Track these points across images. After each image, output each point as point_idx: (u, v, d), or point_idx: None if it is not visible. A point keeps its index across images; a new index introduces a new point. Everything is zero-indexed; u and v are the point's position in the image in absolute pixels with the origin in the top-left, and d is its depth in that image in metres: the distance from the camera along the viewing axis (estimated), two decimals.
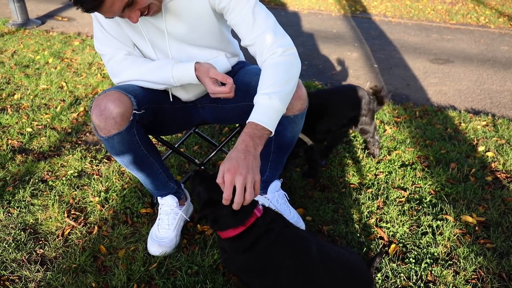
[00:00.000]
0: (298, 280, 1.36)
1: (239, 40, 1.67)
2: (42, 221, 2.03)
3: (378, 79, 3.89)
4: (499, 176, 2.35)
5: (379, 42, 5.03)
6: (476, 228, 1.95)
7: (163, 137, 2.05)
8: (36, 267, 1.76)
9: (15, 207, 2.12)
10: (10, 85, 3.70)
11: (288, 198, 2.04)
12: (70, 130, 2.89)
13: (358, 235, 1.92)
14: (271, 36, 1.48)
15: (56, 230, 1.97)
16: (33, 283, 1.69)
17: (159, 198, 1.90)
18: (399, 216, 2.03)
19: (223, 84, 1.51)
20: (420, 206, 2.11)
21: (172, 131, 1.95)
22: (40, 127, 2.95)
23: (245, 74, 1.73)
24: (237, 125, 2.16)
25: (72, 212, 2.10)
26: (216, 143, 2.31)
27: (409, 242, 1.88)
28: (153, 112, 1.66)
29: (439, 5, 6.73)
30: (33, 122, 3.01)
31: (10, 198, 2.19)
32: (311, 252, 1.38)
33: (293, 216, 1.94)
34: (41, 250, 1.86)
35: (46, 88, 3.60)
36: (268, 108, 1.38)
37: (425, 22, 5.88)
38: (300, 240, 1.40)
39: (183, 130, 2.01)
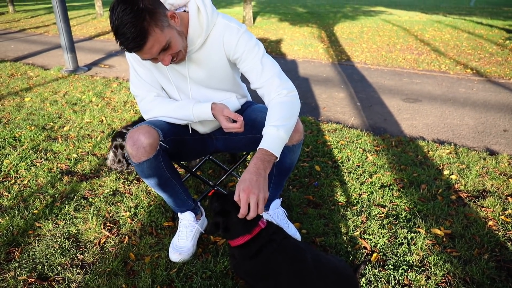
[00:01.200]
0: (296, 283, 1.32)
1: (247, 83, 1.69)
2: (83, 232, 2.01)
3: (361, 115, 3.90)
4: (461, 195, 2.32)
5: (361, 84, 5.06)
6: (444, 239, 1.91)
7: (183, 162, 2.04)
8: (77, 270, 1.73)
9: (62, 219, 2.10)
10: (61, 119, 3.73)
11: (287, 214, 2.01)
12: (107, 156, 2.89)
13: (346, 245, 1.88)
14: (277, 81, 1.51)
15: (94, 239, 1.95)
16: (74, 283, 1.66)
17: (179, 213, 1.88)
18: (380, 229, 1.99)
19: (234, 121, 1.52)
20: (397, 221, 2.07)
21: (191, 158, 1.95)
22: (83, 153, 2.95)
23: (252, 112, 1.73)
24: (244, 153, 2.15)
25: (107, 224, 2.07)
26: (227, 168, 2.29)
27: (388, 251, 1.83)
28: (176, 142, 1.66)
29: (408, 55, 6.80)
30: (78, 149, 3.02)
31: (58, 212, 2.17)
32: (307, 260, 1.35)
33: (291, 229, 1.91)
34: (81, 256, 1.83)
35: (89, 122, 3.63)
36: (276, 138, 1.39)
37: (398, 69, 5.92)
38: (297, 250, 1.37)
39: (200, 157, 2.00)
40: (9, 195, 2.38)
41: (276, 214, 1.94)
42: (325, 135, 3.26)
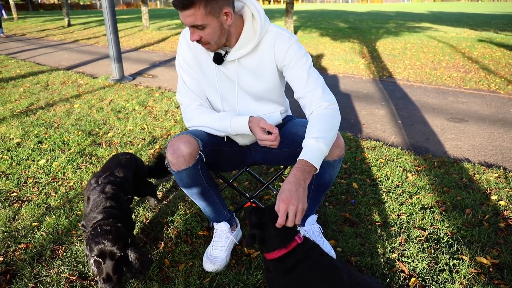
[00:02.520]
0: None
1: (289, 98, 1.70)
2: None
3: (402, 133, 3.79)
4: (511, 223, 2.18)
5: (403, 102, 4.93)
6: (491, 269, 1.80)
7: (221, 173, 2.07)
8: None
9: None
10: (106, 125, 3.92)
11: (322, 231, 1.98)
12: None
13: (382, 267, 1.82)
14: (320, 92, 1.53)
15: None
16: None
17: (214, 223, 1.91)
18: (419, 253, 1.91)
19: (270, 133, 1.54)
20: (438, 245, 1.98)
21: (228, 169, 1.98)
22: None
23: (292, 126, 1.75)
24: (282, 166, 2.15)
25: (145, 230, 2.13)
26: (264, 180, 2.30)
27: (428, 277, 1.75)
28: (214, 153, 1.70)
29: (454, 73, 6.56)
30: None
31: None
32: (342, 279, 1.32)
33: (326, 246, 1.87)
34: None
35: (131, 129, 3.78)
36: (316, 149, 1.40)
37: (442, 87, 5.73)
38: (333, 268, 1.35)
39: (237, 168, 2.03)
40: (56, 195, 2.52)
41: (312, 230, 1.92)
42: (364, 152, 3.20)
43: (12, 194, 2.58)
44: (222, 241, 1.84)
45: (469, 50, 8.73)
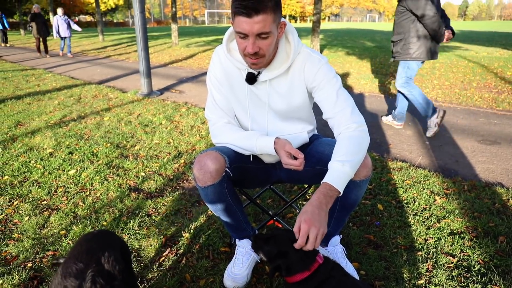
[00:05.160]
0: None
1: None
2: (144, 247, 2.10)
3: (429, 154, 3.69)
4: None
5: None
6: None
7: (245, 189, 2.07)
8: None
9: (126, 234, 2.22)
10: (133, 138, 4.02)
11: (346, 253, 1.93)
12: (172, 177, 3.03)
13: None
14: (348, 113, 1.53)
15: (154, 256, 2.02)
16: None
17: (237, 240, 1.90)
18: (448, 281, 1.83)
19: (295, 158, 1.53)
20: (469, 274, 1.89)
21: (253, 186, 1.98)
22: (150, 172, 3.13)
23: (319, 145, 1.75)
24: (306, 185, 2.14)
25: (167, 243, 2.15)
26: (287, 199, 2.28)
27: None
28: (240, 170, 1.70)
29: (486, 93, 6.37)
30: (146, 168, 3.21)
31: (124, 226, 2.31)
32: None
33: (349, 268, 1.82)
34: (142, 271, 1.90)
35: (158, 143, 3.86)
36: (341, 173, 1.39)
37: (473, 108, 5.56)
38: None
39: (262, 186, 2.03)
40: (83, 205, 2.59)
41: (335, 251, 1.88)
42: (390, 173, 3.13)
43: (42, 202, 2.67)
44: (244, 259, 1.82)
45: (502, 70, 8.48)
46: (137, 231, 2.25)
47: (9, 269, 1.96)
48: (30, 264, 1.99)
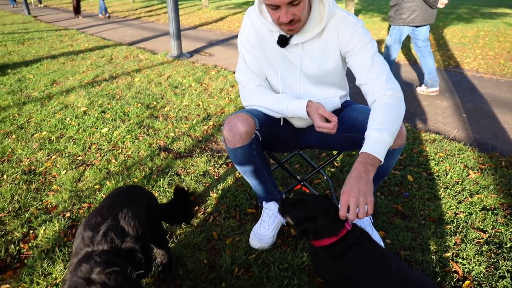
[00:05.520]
0: None
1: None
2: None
3: (466, 127, 3.55)
4: None
5: (469, 94, 4.59)
6: None
7: (274, 153, 2.08)
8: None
9: (156, 191, 2.30)
10: (163, 99, 4.07)
11: (372, 221, 1.94)
12: (201, 139, 3.08)
13: (434, 265, 1.74)
14: (383, 80, 1.47)
15: None
16: None
17: (264, 202, 1.93)
18: (476, 256, 1.80)
19: (328, 121, 1.51)
20: (500, 250, 1.85)
21: (282, 150, 1.98)
22: (180, 133, 3.19)
23: (352, 111, 1.70)
24: (335, 152, 2.12)
25: (195, 201, 2.21)
26: (315, 165, 2.28)
27: (484, 282, 1.65)
28: (270, 133, 1.70)
29: None
30: (175, 129, 3.27)
31: (154, 183, 2.39)
32: (391, 270, 1.29)
33: (375, 236, 1.83)
34: (171, 227, 1.98)
35: (187, 105, 3.90)
36: (379, 141, 1.36)
37: None
38: (383, 257, 1.32)
39: (291, 150, 2.03)
40: (116, 162, 2.69)
41: (362, 219, 1.88)
42: (422, 144, 3.05)
43: (78, 158, 2.79)
44: (270, 221, 1.86)
45: None
46: (166, 189, 2.33)
47: (50, 217, 2.09)
48: (68, 214, 2.12)
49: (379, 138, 1.36)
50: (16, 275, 1.71)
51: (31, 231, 2.00)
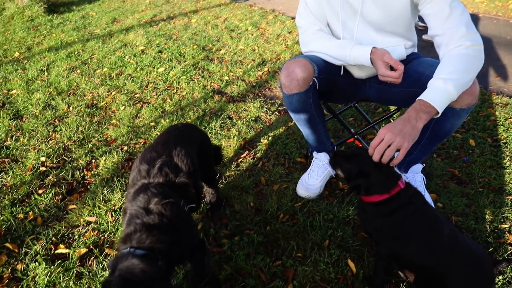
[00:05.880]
0: (424, 254, 1.25)
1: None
2: (224, 147, 2.23)
3: None
4: None
5: None
6: None
7: (329, 103, 2.02)
8: None
9: (209, 132, 2.36)
10: (219, 42, 4.04)
11: (425, 182, 1.86)
12: (254, 84, 3.06)
13: (487, 234, 1.66)
14: (463, 30, 1.31)
15: (232, 156, 2.15)
16: None
17: (314, 152, 1.91)
18: None
19: (392, 69, 1.40)
20: None
21: (338, 100, 1.91)
22: (234, 77, 3.18)
23: (419, 64, 1.56)
24: (393, 108, 2.01)
25: (246, 146, 2.25)
26: (370, 119, 2.19)
27: None
28: (328, 82, 1.63)
29: None
30: (230, 72, 3.26)
31: (206, 125, 2.45)
32: (443, 232, 1.25)
33: (426, 198, 1.76)
34: (221, 168, 2.04)
35: (242, 49, 3.84)
36: (441, 91, 1.25)
37: None
38: (435, 219, 1.27)
39: (347, 102, 1.95)
40: (170, 101, 2.77)
41: (415, 179, 1.81)
42: (491, 108, 2.80)
43: (135, 95, 2.90)
44: (319, 171, 1.85)
45: None
46: (218, 131, 2.38)
47: (110, 149, 2.24)
48: (125, 148, 2.25)
49: (442, 87, 1.25)
50: (81, 198, 1.89)
51: (93, 160, 2.16)
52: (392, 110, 1.96)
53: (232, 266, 1.48)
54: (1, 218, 1.74)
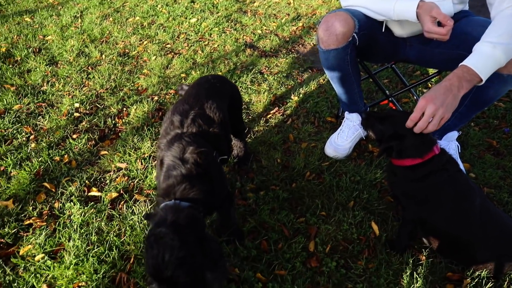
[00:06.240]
0: (453, 222, 1.23)
1: None
2: (254, 102, 2.20)
3: None
4: None
5: None
6: None
7: (365, 62, 1.93)
8: None
9: (239, 86, 2.33)
10: None
11: (459, 151, 1.79)
12: (288, 39, 2.96)
13: None
14: None
15: (262, 112, 2.13)
16: None
17: (346, 112, 1.86)
18: None
19: (440, 26, 1.30)
20: None
21: (376, 59, 1.83)
22: (267, 31, 3.08)
23: (467, 24, 1.43)
24: (431, 72, 1.90)
25: (276, 102, 2.21)
26: (407, 82, 2.09)
27: None
28: (367, 38, 1.54)
29: None
30: (263, 26, 3.16)
31: (237, 79, 2.41)
32: (475, 202, 1.21)
33: None
34: (249, 123, 2.04)
35: (277, 2, 3.68)
36: (488, 57, 1.15)
37: None
38: (468, 188, 1.23)
39: (385, 61, 1.86)
40: (202, 53, 2.73)
41: (449, 146, 1.74)
42: None
43: (167, 46, 2.88)
44: (349, 132, 1.80)
45: None
46: (248, 86, 2.34)
47: (141, 99, 2.26)
48: (156, 98, 2.27)
49: (489, 53, 1.15)
50: (112, 145, 1.94)
51: (124, 109, 2.20)
52: (430, 73, 1.85)
53: (256, 219, 1.51)
54: (40, 159, 1.82)
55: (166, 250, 0.91)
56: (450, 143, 1.76)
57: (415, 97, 2.15)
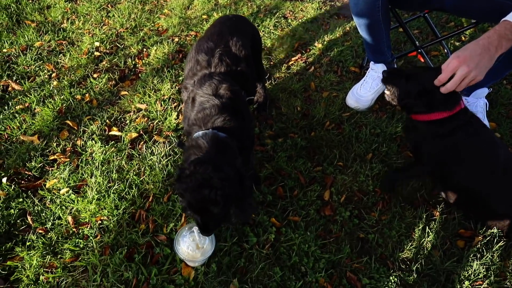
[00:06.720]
0: (475, 177, 1.21)
1: None
2: (276, 48, 2.13)
3: None
4: None
5: None
6: None
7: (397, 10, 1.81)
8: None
9: (261, 31, 2.25)
10: None
11: (487, 109, 1.71)
12: None
13: None
14: None
15: (284, 58, 2.07)
16: None
17: (371, 63, 1.78)
18: None
19: None
20: None
21: (410, 7, 1.71)
22: None
23: None
24: (467, 24, 1.77)
25: (298, 49, 2.14)
26: (439, 34, 1.96)
27: None
28: None
29: None
30: None
31: (260, 22, 2.32)
32: (499, 157, 1.19)
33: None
34: (271, 68, 1.99)
35: None
36: None
37: None
38: (493, 142, 1.20)
39: (419, 9, 1.74)
40: None
41: (477, 103, 1.67)
42: None
43: None
44: (373, 83, 1.74)
45: None
46: (271, 31, 2.26)
47: (161, 40, 2.21)
48: (176, 39, 2.21)
49: None
50: (132, 85, 1.94)
51: (144, 49, 2.16)
52: (465, 25, 1.73)
53: (273, 166, 1.52)
54: (62, 97, 1.84)
55: (211, 186, 0.94)
56: (478, 100, 1.69)
57: (445, 51, 2.03)
